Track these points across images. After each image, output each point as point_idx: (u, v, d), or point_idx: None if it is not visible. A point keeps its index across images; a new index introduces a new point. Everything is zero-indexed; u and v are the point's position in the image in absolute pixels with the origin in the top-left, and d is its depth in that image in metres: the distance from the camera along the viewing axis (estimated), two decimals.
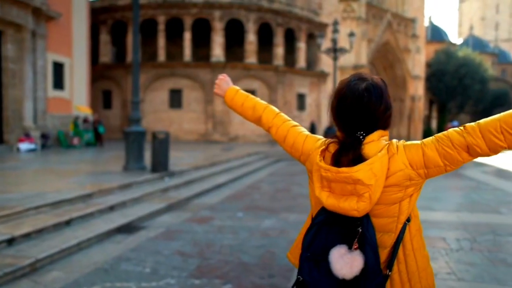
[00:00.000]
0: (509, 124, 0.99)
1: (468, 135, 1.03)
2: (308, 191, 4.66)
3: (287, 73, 22.08)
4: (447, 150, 1.06)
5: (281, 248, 3.99)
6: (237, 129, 21.05)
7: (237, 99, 1.48)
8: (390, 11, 29.69)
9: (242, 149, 14.97)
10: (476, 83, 40.65)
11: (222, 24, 20.28)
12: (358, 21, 26.48)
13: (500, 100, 46.92)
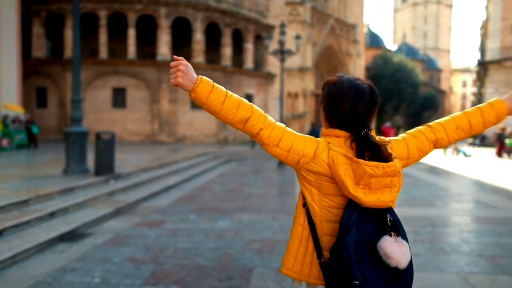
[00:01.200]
0: (462, 124, 1.35)
1: (437, 132, 1.33)
2: (260, 191, 4.66)
3: (235, 73, 22.10)
4: (423, 143, 1.31)
5: (237, 249, 3.95)
6: (184, 129, 20.63)
7: (215, 95, 1.20)
8: (333, 17, 31.08)
9: (191, 150, 14.68)
10: (409, 87, 43.99)
11: (169, 22, 19.74)
12: (304, 25, 27.35)
13: (429, 103, 51.25)
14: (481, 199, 6.91)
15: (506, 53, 28.09)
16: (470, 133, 1.36)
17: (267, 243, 4.19)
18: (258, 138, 1.25)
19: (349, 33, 33.15)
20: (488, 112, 1.35)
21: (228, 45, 21.56)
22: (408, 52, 55.68)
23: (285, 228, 4.77)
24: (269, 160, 15.38)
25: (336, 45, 31.52)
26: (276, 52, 18.72)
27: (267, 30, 23.64)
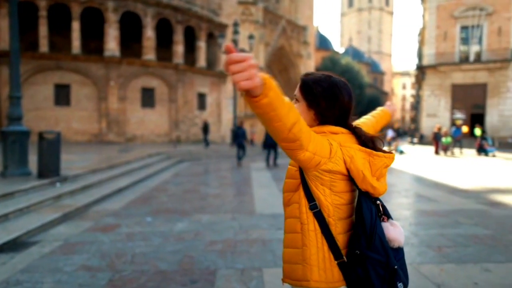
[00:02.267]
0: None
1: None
2: (217, 191, 4.61)
3: (188, 72, 21.69)
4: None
5: (199, 251, 3.87)
6: (135, 128, 19.86)
7: (281, 97, 0.96)
8: (285, 18, 31.64)
9: (142, 150, 14.16)
10: (356, 89, 46.15)
11: (117, 16, 18.85)
12: (256, 25, 27.54)
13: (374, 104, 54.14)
14: (424, 194, 7.42)
15: (440, 58, 30.50)
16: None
17: (228, 243, 4.15)
18: (298, 144, 1.03)
19: (300, 34, 33.97)
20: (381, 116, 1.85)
21: (180, 42, 21.10)
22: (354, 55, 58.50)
23: (245, 228, 4.77)
24: (223, 159, 15.30)
25: (287, 46, 32.15)
26: None
27: (220, 29, 23.48)
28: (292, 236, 1.23)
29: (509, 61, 27.66)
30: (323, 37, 55.01)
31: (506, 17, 28.44)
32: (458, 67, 29.81)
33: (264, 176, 10.07)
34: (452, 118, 28.88)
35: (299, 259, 1.20)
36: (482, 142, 18.00)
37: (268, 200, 6.66)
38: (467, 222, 5.07)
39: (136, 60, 19.73)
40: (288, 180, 1.28)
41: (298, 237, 1.20)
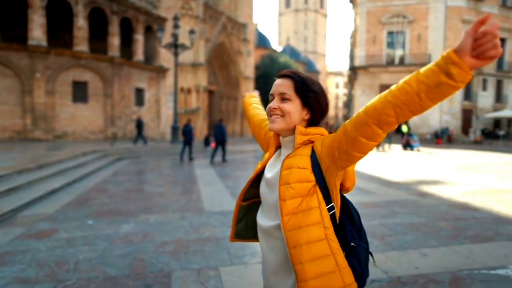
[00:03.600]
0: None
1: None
2: (162, 190, 4.49)
3: (124, 65, 20.58)
4: None
5: (150, 253, 3.70)
6: (65, 125, 18.36)
7: None
8: (225, 14, 31.48)
9: (75, 148, 13.14)
10: None
11: (43, 2, 17.19)
12: (196, 20, 27.03)
13: None
14: (362, 187, 7.90)
15: (370, 60, 32.72)
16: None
17: (180, 243, 4.03)
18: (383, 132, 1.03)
19: (240, 32, 34.06)
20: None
21: (116, 34, 19.91)
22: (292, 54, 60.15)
23: (196, 227, 4.67)
24: (164, 157, 14.83)
25: (227, 43, 32.05)
26: (169, 46, 18.11)
27: (158, 22, 22.63)
28: (318, 245, 1.09)
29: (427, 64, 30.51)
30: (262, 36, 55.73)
31: (424, 26, 31.35)
32: (386, 68, 32.22)
33: (209, 174, 9.95)
34: None
35: (333, 266, 1.09)
36: (408, 138, 19.70)
37: (216, 198, 6.59)
38: (403, 211, 5.51)
39: (66, 51, 18.20)
40: (297, 184, 1.12)
41: (325, 244, 1.10)
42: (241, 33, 34.18)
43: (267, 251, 1.21)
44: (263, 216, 1.26)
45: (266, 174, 1.26)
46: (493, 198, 6.49)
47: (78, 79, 18.67)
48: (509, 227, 4.67)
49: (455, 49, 0.90)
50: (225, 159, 13.12)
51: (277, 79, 1.27)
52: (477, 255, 3.67)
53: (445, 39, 30.78)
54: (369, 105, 1.03)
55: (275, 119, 1.22)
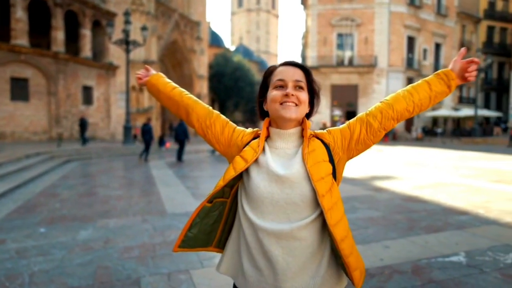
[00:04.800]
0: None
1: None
2: (119, 193, 4.35)
3: (70, 62, 19.39)
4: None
5: (114, 260, 3.51)
6: (3, 125, 16.92)
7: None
8: (178, 12, 30.80)
9: (16, 150, 12.13)
10: (247, 86, 47.81)
11: None
12: (148, 16, 26.16)
13: None
14: None
15: (321, 61, 33.78)
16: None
17: (146, 248, 3.87)
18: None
19: (193, 30, 33.53)
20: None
21: (60, 28, 18.68)
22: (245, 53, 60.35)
23: (161, 230, 4.52)
24: (117, 158, 14.20)
25: (181, 41, 31.40)
26: (120, 42, 17.36)
27: (107, 17, 21.58)
28: (345, 221, 1.15)
29: (374, 66, 32.18)
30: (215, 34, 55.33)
31: (370, 29, 32.97)
32: (336, 69, 33.45)
33: (166, 174, 9.69)
34: (331, 114, 32.33)
35: (356, 251, 1.19)
36: None
37: (177, 199, 6.44)
38: (362, 206, 5.76)
39: (3, 44, 16.74)
40: (327, 177, 1.12)
41: (350, 232, 1.18)
42: (194, 31, 33.66)
43: (284, 256, 1.10)
44: (268, 219, 1.12)
45: (278, 171, 1.12)
46: (439, 191, 7.00)
47: (17, 75, 17.26)
48: (456, 217, 5.07)
49: (450, 70, 1.27)
50: (181, 159, 12.92)
51: (286, 66, 1.20)
52: (432, 244, 3.94)
53: (389, 42, 32.62)
54: (393, 102, 1.24)
55: (291, 107, 1.15)
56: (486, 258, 3.53)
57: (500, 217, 5.03)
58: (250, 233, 1.14)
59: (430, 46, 34.69)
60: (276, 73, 1.21)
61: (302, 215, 1.11)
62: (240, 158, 1.17)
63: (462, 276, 3.11)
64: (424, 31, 34.12)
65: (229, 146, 1.26)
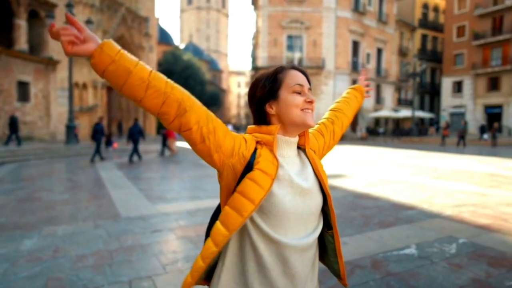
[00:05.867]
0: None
1: None
2: (65, 197, 4.15)
3: (2, 54, 17.73)
4: None
5: (67, 271, 3.26)
6: None
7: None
8: (125, 6, 29.49)
9: None
10: (198, 85, 47.14)
11: None
12: (92, 9, 24.75)
13: (214, 100, 56.64)
14: None
15: (272, 61, 34.30)
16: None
17: (102, 255, 3.64)
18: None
19: (141, 25, 32.30)
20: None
21: None
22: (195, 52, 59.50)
23: (116, 235, 4.29)
24: (59, 159, 13.27)
25: (128, 36, 30.09)
26: None
27: (46, 8, 20.02)
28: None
29: (322, 68, 33.36)
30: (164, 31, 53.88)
31: (319, 32, 34.14)
32: None
33: (116, 176, 9.23)
34: None
35: None
36: None
37: (130, 202, 6.15)
38: None
39: None
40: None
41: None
42: (142, 27, 32.45)
43: (302, 267, 1.08)
44: (290, 235, 1.06)
45: (302, 184, 1.08)
46: (387, 188, 7.43)
47: None
48: (405, 212, 5.41)
49: (360, 86, 1.63)
50: (132, 160, 12.52)
51: (297, 71, 1.15)
52: (386, 239, 4.16)
53: (336, 46, 34.02)
54: (345, 110, 1.47)
55: (311, 114, 1.12)
56: (434, 249, 3.81)
57: (442, 211, 5.45)
58: (270, 253, 1.04)
59: (373, 50, 36.75)
60: (290, 76, 1.13)
61: (315, 224, 1.12)
62: (261, 173, 1.02)
63: (415, 268, 3.32)
64: (367, 37, 36.05)
65: (231, 156, 1.06)
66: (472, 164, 11.84)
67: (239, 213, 1.00)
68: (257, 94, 1.14)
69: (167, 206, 5.85)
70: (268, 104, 1.13)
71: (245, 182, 1.02)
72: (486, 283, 2.98)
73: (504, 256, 3.62)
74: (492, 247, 3.87)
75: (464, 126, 21.84)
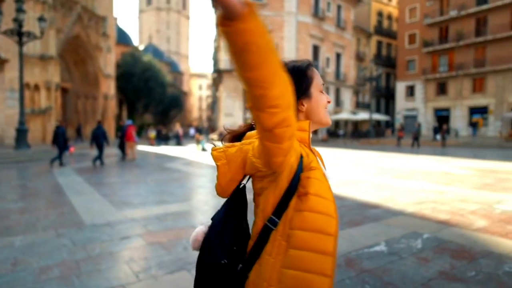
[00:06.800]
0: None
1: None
2: (21, 205, 3.98)
3: None
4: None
5: (30, 284, 3.03)
6: None
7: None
8: (81, 4, 28.21)
9: None
10: (158, 87, 46.11)
11: None
12: (44, 6, 23.41)
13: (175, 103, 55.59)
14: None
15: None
16: None
17: (68, 266, 3.43)
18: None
19: (98, 25, 31.04)
20: None
21: None
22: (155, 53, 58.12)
23: (81, 244, 4.06)
24: (9, 165, 12.39)
25: (84, 36, 28.79)
26: (10, 33, 15.21)
27: None
28: None
29: None
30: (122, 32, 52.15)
31: (280, 36, 34.66)
32: None
33: (76, 182, 8.77)
34: (244, 117, 33.06)
35: None
36: None
37: (94, 208, 5.87)
38: None
39: None
40: None
41: None
42: (100, 27, 31.20)
43: None
44: None
45: (325, 171, 1.12)
46: (353, 188, 7.67)
47: None
48: (371, 211, 5.61)
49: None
50: (95, 163, 12.13)
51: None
52: (357, 237, 4.29)
53: (297, 50, 34.70)
54: None
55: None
56: (402, 245, 3.98)
57: (405, 209, 5.72)
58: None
59: (332, 55, 37.92)
60: (317, 75, 1.14)
61: None
62: (320, 172, 1.03)
63: (387, 263, 3.44)
64: (327, 41, 37.15)
65: (293, 153, 0.98)
66: (427, 164, 12.55)
67: (324, 232, 0.97)
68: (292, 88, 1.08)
69: (134, 211, 5.65)
70: (299, 101, 1.10)
71: (314, 183, 0.99)
72: (452, 275, 3.16)
73: (464, 248, 3.86)
74: (453, 240, 4.11)
75: (418, 128, 23.10)
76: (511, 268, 3.32)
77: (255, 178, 1.05)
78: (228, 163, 1.06)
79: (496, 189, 7.36)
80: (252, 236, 1.05)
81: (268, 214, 1.00)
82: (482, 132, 34.39)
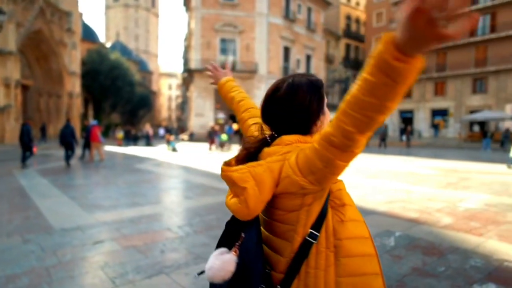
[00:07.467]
0: (349, 105, 0.85)
1: (327, 126, 0.93)
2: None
3: None
4: (318, 147, 0.93)
5: None
6: None
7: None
8: None
9: None
10: (126, 86, 44.85)
11: None
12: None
13: (144, 102, 54.31)
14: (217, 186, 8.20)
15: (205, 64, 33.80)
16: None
17: (37, 273, 3.27)
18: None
19: (62, 20, 29.76)
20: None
21: None
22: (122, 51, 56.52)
23: (51, 250, 3.88)
24: None
25: (47, 31, 27.51)
26: None
27: None
28: None
29: (255, 72, 34.00)
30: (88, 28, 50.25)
31: (252, 37, 34.77)
32: None
33: (41, 184, 8.36)
34: (215, 117, 32.87)
35: None
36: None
37: (63, 212, 5.62)
38: None
39: None
40: None
41: None
42: (64, 22, 29.94)
43: None
44: None
45: None
46: None
47: None
48: None
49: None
50: (69, 164, 11.81)
51: None
52: None
53: (268, 51, 34.94)
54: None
55: None
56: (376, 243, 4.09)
57: (376, 207, 5.90)
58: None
59: (302, 56, 38.50)
60: (323, 92, 1.17)
61: None
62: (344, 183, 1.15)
63: None
64: (297, 43, 37.66)
65: None
66: (395, 164, 13.02)
67: (364, 236, 1.10)
68: (314, 105, 1.10)
69: (106, 214, 5.47)
70: (318, 118, 1.13)
71: (345, 194, 1.11)
72: (424, 271, 3.30)
73: (433, 245, 4.04)
74: (423, 238, 4.29)
75: (385, 129, 23.91)
76: (476, 262, 3.51)
77: (288, 195, 1.01)
78: (258, 184, 0.99)
79: (458, 187, 7.77)
80: (285, 253, 1.05)
81: (308, 228, 1.02)
82: (443, 133, 36.17)
